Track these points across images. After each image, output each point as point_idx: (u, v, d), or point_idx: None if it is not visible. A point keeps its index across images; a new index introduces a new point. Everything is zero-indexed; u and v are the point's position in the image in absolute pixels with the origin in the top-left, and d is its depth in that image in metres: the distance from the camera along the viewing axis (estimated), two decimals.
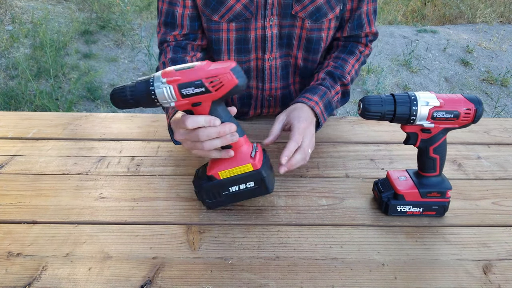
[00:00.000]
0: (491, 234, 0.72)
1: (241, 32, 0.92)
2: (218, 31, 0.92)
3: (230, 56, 0.96)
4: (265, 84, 1.00)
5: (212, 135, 0.66)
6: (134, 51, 3.54)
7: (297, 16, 0.90)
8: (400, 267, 0.65)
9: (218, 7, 0.89)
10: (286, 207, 0.76)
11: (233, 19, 0.90)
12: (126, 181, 0.81)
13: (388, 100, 0.67)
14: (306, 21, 0.91)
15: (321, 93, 0.90)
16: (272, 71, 0.98)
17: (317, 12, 0.90)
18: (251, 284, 0.61)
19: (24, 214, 0.73)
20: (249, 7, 0.88)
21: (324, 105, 0.89)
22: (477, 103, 0.66)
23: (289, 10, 0.89)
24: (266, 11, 0.89)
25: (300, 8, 0.89)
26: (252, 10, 0.89)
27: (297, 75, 1.02)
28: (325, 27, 0.94)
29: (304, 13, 0.90)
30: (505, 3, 4.73)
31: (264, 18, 0.90)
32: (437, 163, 0.71)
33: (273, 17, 0.90)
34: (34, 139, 0.94)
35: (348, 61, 0.97)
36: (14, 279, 0.61)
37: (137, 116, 1.04)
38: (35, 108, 2.70)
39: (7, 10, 3.94)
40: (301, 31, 0.93)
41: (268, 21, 0.90)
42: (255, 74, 0.99)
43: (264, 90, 1.01)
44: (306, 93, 0.90)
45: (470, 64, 3.57)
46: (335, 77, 0.94)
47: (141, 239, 0.68)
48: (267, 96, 1.02)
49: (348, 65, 0.97)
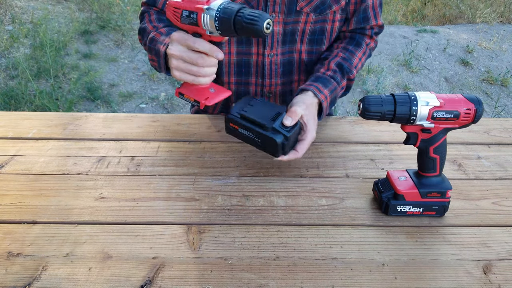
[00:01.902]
0: (491, 234, 0.72)
1: None
2: None
3: (230, 47, 0.95)
4: (265, 80, 0.99)
5: (212, 64, 0.70)
6: (134, 51, 3.54)
7: (301, 11, 0.90)
8: (400, 267, 0.65)
9: None
10: (286, 207, 0.76)
11: None
12: (126, 181, 0.81)
13: (388, 100, 0.67)
14: (311, 15, 0.91)
15: (332, 87, 0.90)
16: (272, 67, 0.97)
17: (322, 5, 0.90)
18: (251, 284, 0.61)
19: (24, 214, 0.73)
20: (250, 1, 0.88)
21: (331, 100, 0.90)
22: (477, 103, 0.66)
23: (294, 6, 0.89)
24: (268, 7, 0.89)
25: (305, 3, 0.89)
26: (253, 4, 0.89)
27: (302, 73, 1.01)
28: (330, 19, 0.93)
29: (309, 7, 0.89)
30: (505, 3, 4.73)
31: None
32: (437, 163, 0.71)
33: (276, 14, 0.90)
34: (34, 139, 0.94)
35: (356, 54, 0.97)
36: (14, 279, 0.61)
37: (137, 116, 1.04)
38: (35, 108, 2.70)
39: (7, 10, 3.94)
40: (305, 26, 0.93)
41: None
42: (255, 69, 0.98)
43: (264, 86, 1.00)
44: (318, 82, 0.89)
45: (470, 64, 3.57)
46: (343, 71, 0.94)
47: (141, 239, 0.68)
48: (266, 92, 1.02)
49: (355, 58, 0.97)
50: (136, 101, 2.92)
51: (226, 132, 0.82)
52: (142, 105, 2.89)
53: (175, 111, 2.86)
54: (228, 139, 0.95)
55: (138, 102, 2.92)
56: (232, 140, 0.95)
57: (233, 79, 1.00)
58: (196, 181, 0.82)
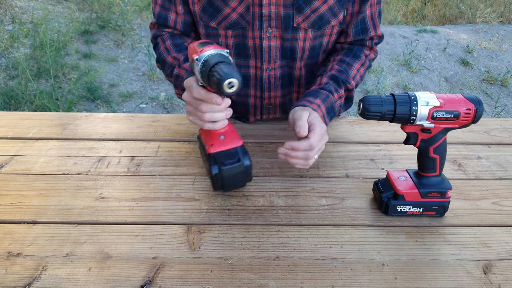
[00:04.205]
0: (491, 234, 0.72)
1: (239, 39, 0.91)
2: (217, 36, 0.92)
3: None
4: (264, 93, 0.98)
5: (213, 110, 0.70)
6: (134, 51, 3.54)
7: (299, 27, 0.87)
8: (400, 267, 0.65)
9: (215, 14, 0.88)
10: (286, 207, 0.76)
11: (230, 27, 0.89)
12: (126, 181, 0.81)
13: (388, 100, 0.67)
14: (309, 31, 0.88)
15: (323, 96, 0.86)
16: (271, 81, 0.96)
17: (320, 20, 0.87)
18: (251, 284, 0.61)
19: (24, 214, 0.73)
20: (245, 16, 0.87)
21: (326, 109, 0.85)
22: (477, 103, 0.66)
23: (291, 22, 0.87)
24: (263, 23, 0.87)
25: (302, 19, 0.86)
26: (248, 19, 0.87)
27: (302, 85, 0.99)
28: (327, 33, 0.91)
29: (307, 23, 0.87)
30: (505, 3, 4.73)
31: (261, 29, 0.88)
32: (437, 163, 0.71)
33: (272, 29, 0.87)
34: (34, 139, 0.94)
35: (353, 65, 0.93)
36: (14, 279, 0.61)
37: (137, 116, 1.04)
38: (35, 108, 2.70)
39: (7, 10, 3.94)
40: (304, 43, 0.90)
41: (265, 32, 0.88)
42: (254, 82, 0.97)
43: (264, 99, 0.99)
44: (307, 96, 0.86)
45: (470, 64, 3.57)
46: (339, 81, 0.90)
47: (141, 239, 0.68)
48: (266, 104, 1.00)
49: (353, 69, 0.93)
50: (136, 101, 2.92)
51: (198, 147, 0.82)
52: (142, 105, 2.89)
53: (175, 111, 2.86)
54: None
55: (138, 102, 2.92)
56: None
57: None
58: (196, 181, 0.82)
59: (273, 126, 1.02)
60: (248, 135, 0.98)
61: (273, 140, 0.96)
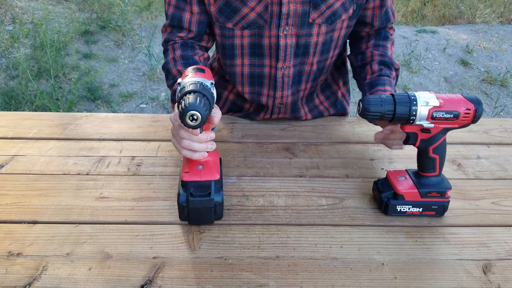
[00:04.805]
0: (490, 234, 0.72)
1: (254, 38, 0.91)
2: (232, 37, 0.92)
3: (243, 60, 0.95)
4: (276, 92, 0.98)
5: (192, 138, 0.70)
6: (134, 51, 3.55)
7: (314, 23, 0.89)
8: (400, 267, 0.65)
9: (232, 15, 0.88)
10: (286, 207, 0.76)
11: (247, 26, 0.89)
12: (126, 181, 0.82)
13: (388, 100, 0.67)
14: (323, 26, 0.90)
15: (387, 81, 0.92)
16: (284, 80, 0.97)
17: (333, 16, 0.89)
18: (251, 284, 0.62)
19: (24, 214, 0.73)
20: (263, 15, 0.87)
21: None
22: (477, 103, 0.66)
23: (307, 18, 0.88)
24: (281, 21, 0.87)
25: (317, 15, 0.88)
26: (266, 18, 0.88)
27: (310, 81, 1.01)
28: (338, 28, 0.93)
29: (321, 19, 0.88)
30: (505, 3, 4.73)
31: (278, 27, 0.88)
32: (436, 163, 0.72)
33: (289, 27, 0.88)
34: (34, 139, 0.94)
35: (387, 46, 0.99)
36: (14, 279, 0.61)
37: (137, 116, 1.04)
38: (36, 108, 2.70)
39: (8, 10, 3.94)
40: (318, 38, 0.92)
41: (283, 30, 0.89)
42: (268, 81, 0.98)
43: (276, 98, 0.99)
44: (376, 86, 0.91)
45: (470, 64, 3.57)
46: (388, 64, 0.96)
47: (141, 239, 0.69)
48: (278, 104, 1.01)
49: (389, 50, 0.99)
50: (136, 101, 2.92)
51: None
52: (142, 105, 2.89)
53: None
54: (228, 139, 0.96)
55: (138, 102, 2.92)
56: (232, 140, 0.95)
57: (246, 89, 1.00)
58: None
59: (273, 126, 1.02)
60: (248, 135, 0.98)
61: (273, 140, 0.96)
